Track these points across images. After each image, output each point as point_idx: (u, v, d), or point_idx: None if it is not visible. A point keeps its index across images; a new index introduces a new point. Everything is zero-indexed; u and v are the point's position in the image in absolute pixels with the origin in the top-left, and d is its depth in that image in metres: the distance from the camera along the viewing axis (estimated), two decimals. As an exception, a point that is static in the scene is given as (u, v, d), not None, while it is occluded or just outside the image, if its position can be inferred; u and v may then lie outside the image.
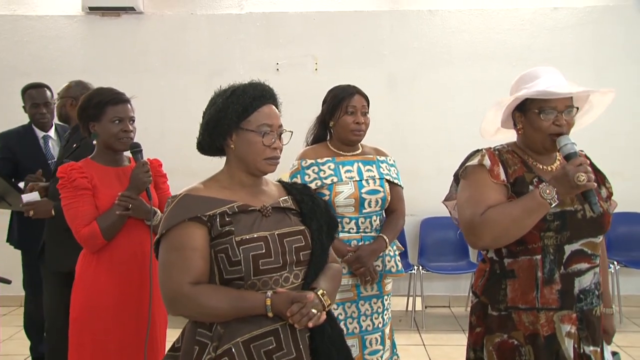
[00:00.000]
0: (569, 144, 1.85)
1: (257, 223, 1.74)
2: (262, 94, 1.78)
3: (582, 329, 1.91)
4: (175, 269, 1.66)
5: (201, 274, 1.67)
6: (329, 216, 1.89)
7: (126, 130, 2.49)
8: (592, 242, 1.92)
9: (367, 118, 2.75)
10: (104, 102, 2.47)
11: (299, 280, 1.77)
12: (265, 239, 1.71)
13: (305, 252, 1.77)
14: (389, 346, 2.79)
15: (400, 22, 5.52)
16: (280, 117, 1.80)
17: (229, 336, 1.66)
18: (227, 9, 5.57)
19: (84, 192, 2.43)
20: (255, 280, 1.68)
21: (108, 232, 2.41)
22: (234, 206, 1.73)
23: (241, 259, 1.66)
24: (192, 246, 1.67)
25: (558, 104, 1.88)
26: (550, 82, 1.90)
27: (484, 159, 1.97)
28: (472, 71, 5.40)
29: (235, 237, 1.68)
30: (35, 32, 5.59)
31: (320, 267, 1.82)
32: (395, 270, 2.75)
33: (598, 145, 5.02)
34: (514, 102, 1.96)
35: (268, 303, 1.64)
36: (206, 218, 1.69)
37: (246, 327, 1.66)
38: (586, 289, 1.92)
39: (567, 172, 1.76)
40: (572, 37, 5.43)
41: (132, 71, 5.54)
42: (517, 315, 1.93)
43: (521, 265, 1.93)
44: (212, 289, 1.67)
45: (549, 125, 1.89)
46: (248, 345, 1.65)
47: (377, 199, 2.71)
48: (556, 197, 1.78)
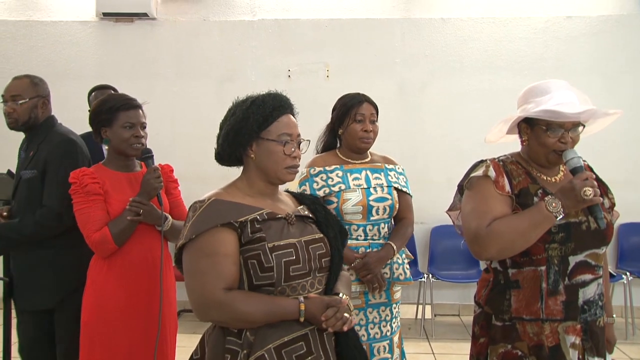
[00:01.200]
0: (575, 158, 1.85)
1: (285, 230, 1.77)
2: (281, 104, 1.81)
3: (587, 339, 1.91)
4: (209, 276, 1.65)
5: (234, 280, 1.68)
6: (339, 225, 1.94)
7: (137, 136, 2.49)
8: (595, 254, 1.92)
9: (376, 126, 2.75)
10: (116, 107, 2.48)
11: (322, 286, 1.81)
12: (294, 245, 1.75)
13: (326, 258, 1.82)
14: (397, 355, 2.78)
15: (412, 30, 5.53)
16: (297, 126, 1.84)
17: (260, 343, 1.66)
18: (240, 16, 5.60)
19: (96, 198, 2.44)
20: (285, 286, 1.71)
21: (119, 237, 2.40)
22: (264, 213, 1.75)
23: (274, 265, 1.68)
24: (224, 252, 1.67)
25: (566, 122, 1.88)
26: (561, 99, 1.88)
27: (489, 170, 1.96)
28: (484, 80, 5.38)
29: (267, 244, 1.70)
30: (49, 37, 5.65)
31: (338, 274, 1.87)
32: (403, 278, 2.75)
33: (609, 154, 5.01)
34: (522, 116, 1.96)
35: (302, 308, 1.67)
36: (237, 224, 1.70)
37: (276, 332, 1.67)
38: (590, 299, 1.91)
39: (574, 186, 1.76)
40: (585, 46, 5.40)
41: (144, 76, 5.58)
42: (522, 326, 1.92)
43: (526, 276, 1.92)
44: (246, 295, 1.68)
45: (554, 142, 1.89)
46: (280, 351, 1.66)
47: (385, 206, 2.70)
48: (562, 211, 1.78)
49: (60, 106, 5.41)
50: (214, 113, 2.57)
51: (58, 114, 2.95)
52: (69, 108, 5.53)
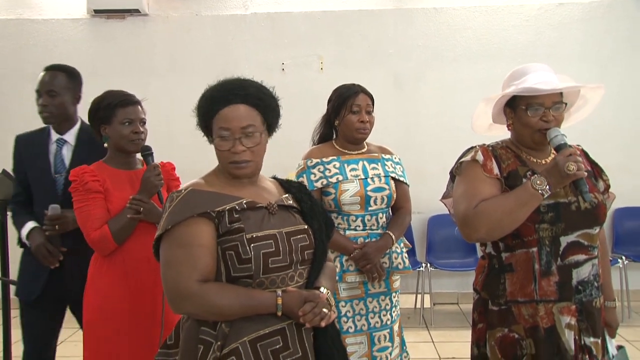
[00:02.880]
0: (558, 135, 1.87)
1: (265, 221, 1.72)
2: (225, 94, 1.73)
3: (582, 320, 1.92)
4: (183, 267, 1.62)
5: (209, 272, 1.65)
6: (325, 216, 1.89)
7: (137, 132, 2.47)
8: (588, 234, 1.93)
9: (372, 117, 2.76)
10: (114, 104, 2.47)
11: (303, 279, 1.76)
12: (274, 236, 1.70)
13: (309, 251, 1.76)
14: (398, 343, 2.80)
15: (405, 21, 5.53)
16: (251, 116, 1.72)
17: (235, 335, 1.63)
18: (232, 10, 5.59)
19: (96, 196, 2.42)
20: (263, 279, 1.67)
21: (119, 235, 2.38)
22: (242, 202, 1.71)
23: (252, 256, 1.64)
24: (199, 243, 1.64)
25: (545, 100, 1.90)
26: (537, 79, 1.92)
27: (477, 154, 1.99)
28: (478, 69, 5.39)
29: (246, 235, 1.66)
30: (40, 35, 5.62)
31: (322, 266, 1.81)
32: (402, 267, 2.76)
33: (604, 139, 5.03)
34: (503, 98, 1.99)
35: (279, 302, 1.63)
36: (214, 214, 1.67)
37: (252, 326, 1.64)
38: (584, 280, 1.93)
39: (557, 162, 1.79)
40: (577, 33, 5.42)
41: (137, 73, 5.57)
42: (517, 309, 1.94)
43: (518, 259, 1.94)
44: (221, 287, 1.64)
45: (536, 121, 1.91)
46: (255, 345, 1.63)
47: (383, 196, 2.72)
48: (548, 188, 1.80)
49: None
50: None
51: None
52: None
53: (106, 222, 2.39)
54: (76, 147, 2.80)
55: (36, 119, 2.80)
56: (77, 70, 2.90)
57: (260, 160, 1.77)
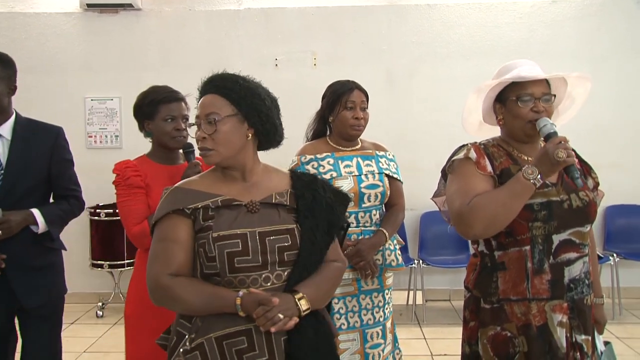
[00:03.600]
0: (547, 125, 1.88)
1: (239, 219, 1.71)
2: (203, 85, 1.81)
3: (574, 318, 1.93)
4: (157, 260, 1.69)
5: (181, 266, 1.68)
6: (331, 214, 1.81)
7: (179, 129, 2.49)
8: (579, 232, 1.94)
9: (366, 113, 2.75)
10: (157, 100, 2.49)
11: (281, 281, 1.71)
12: (243, 236, 1.68)
13: (291, 252, 1.72)
14: (390, 340, 2.81)
15: (398, 17, 5.52)
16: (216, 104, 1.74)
17: (204, 330, 1.66)
18: (226, 5, 5.57)
19: (137, 191, 2.44)
20: (231, 278, 1.67)
21: None
22: (218, 200, 1.72)
23: (216, 255, 1.66)
24: (173, 238, 1.69)
25: (534, 90, 1.92)
26: (525, 70, 1.94)
27: (470, 152, 1.99)
28: (471, 65, 5.39)
29: (212, 233, 1.68)
30: (33, 29, 5.59)
31: (309, 268, 1.74)
32: (395, 264, 2.76)
33: (597, 137, 5.06)
34: (493, 92, 2.00)
35: (238, 302, 1.62)
36: (189, 211, 1.70)
37: (221, 323, 1.65)
38: (576, 278, 1.94)
39: (547, 150, 1.80)
40: (570, 30, 5.44)
41: (130, 68, 5.55)
42: (509, 307, 1.94)
43: (511, 257, 1.94)
44: (188, 282, 1.68)
45: (527, 112, 1.92)
46: (221, 342, 1.65)
47: (377, 193, 2.71)
48: (539, 177, 1.81)
49: (46, 98, 5.41)
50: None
51: (44, 106, 2.93)
52: (56, 100, 5.52)
53: (146, 217, 2.41)
54: (13, 142, 2.56)
55: (28, 112, 2.73)
56: (11, 58, 2.59)
57: (226, 150, 1.73)
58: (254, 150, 1.82)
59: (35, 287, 2.59)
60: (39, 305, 2.61)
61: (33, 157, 2.55)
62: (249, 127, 1.76)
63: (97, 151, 5.55)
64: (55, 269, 2.72)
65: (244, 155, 1.77)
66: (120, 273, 5.30)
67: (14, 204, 2.50)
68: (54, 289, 2.71)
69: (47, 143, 2.62)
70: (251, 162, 1.80)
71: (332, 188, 1.89)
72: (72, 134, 2.60)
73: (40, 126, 2.66)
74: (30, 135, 2.57)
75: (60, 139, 2.67)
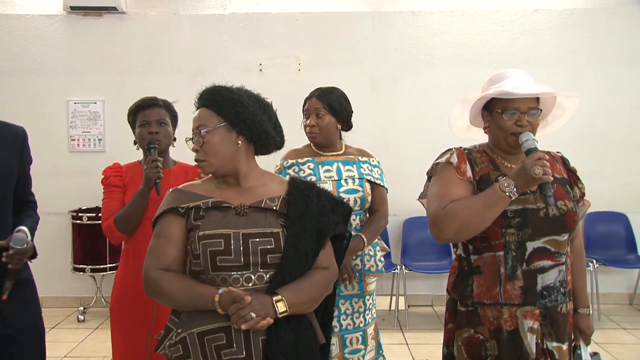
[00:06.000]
0: (529, 140, 1.91)
1: (225, 220, 1.77)
2: (197, 101, 1.89)
3: (545, 324, 1.95)
4: (151, 255, 1.79)
5: (171, 262, 1.78)
6: (322, 221, 1.82)
7: (151, 132, 2.59)
8: (555, 240, 1.96)
9: (323, 119, 2.74)
10: (135, 110, 2.65)
11: (264, 283, 1.74)
12: (227, 236, 1.74)
13: (274, 255, 1.74)
14: (373, 347, 2.81)
15: (382, 23, 5.56)
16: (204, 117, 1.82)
17: (188, 325, 1.73)
18: (210, 10, 5.57)
19: (114, 189, 2.62)
20: (214, 276, 1.73)
21: (120, 224, 2.52)
22: (209, 202, 1.80)
23: (200, 253, 1.73)
24: (165, 234, 1.80)
25: (520, 105, 1.94)
26: (515, 84, 1.95)
27: (452, 156, 2.03)
28: (454, 72, 5.45)
29: (199, 232, 1.75)
30: (15, 31, 5.54)
31: (292, 273, 1.75)
32: (375, 270, 2.77)
33: (577, 145, 5.12)
34: (481, 101, 2.03)
35: (216, 299, 1.67)
36: (183, 210, 1.80)
37: (203, 319, 1.71)
38: (550, 285, 1.96)
39: (525, 165, 1.83)
40: (551, 39, 5.51)
41: (114, 71, 5.53)
42: (483, 311, 1.97)
43: (486, 262, 1.97)
44: (174, 277, 1.75)
45: (510, 125, 1.95)
46: (202, 337, 1.71)
47: (356, 198, 2.72)
48: (515, 191, 1.84)
49: (29, 101, 5.37)
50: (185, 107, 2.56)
51: (27, 109, 2.90)
52: (38, 103, 5.48)
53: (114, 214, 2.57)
54: None
55: (10, 114, 2.71)
56: None
57: (216, 159, 1.81)
58: (247, 157, 1.87)
59: (18, 306, 2.29)
60: (26, 327, 2.32)
61: (7, 162, 2.30)
62: (238, 134, 1.82)
63: (80, 154, 5.49)
64: (31, 284, 2.43)
65: (236, 162, 1.84)
66: (103, 277, 5.26)
67: None
68: (36, 305, 2.42)
69: (16, 145, 2.36)
70: (245, 168, 1.86)
71: (330, 197, 1.92)
72: (55, 137, 2.60)
73: (6, 127, 2.37)
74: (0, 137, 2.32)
75: (27, 140, 2.42)
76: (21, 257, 2.19)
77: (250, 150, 1.87)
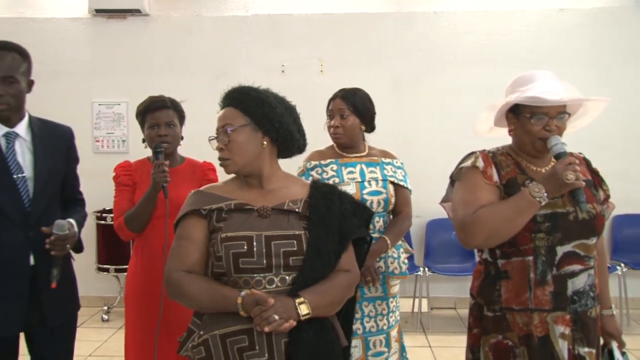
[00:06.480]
0: (558, 144, 1.87)
1: (248, 222, 1.77)
2: (222, 100, 1.90)
3: (577, 330, 1.91)
4: (173, 256, 1.79)
5: (193, 264, 1.77)
6: (344, 224, 1.82)
7: (160, 135, 2.63)
8: (584, 244, 1.92)
9: (347, 120, 2.72)
10: (144, 110, 2.68)
11: (286, 285, 1.74)
12: (249, 238, 1.73)
13: (297, 257, 1.74)
14: (396, 349, 2.78)
15: (405, 24, 5.53)
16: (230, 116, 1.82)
17: (210, 327, 1.72)
18: (233, 11, 5.59)
19: (123, 188, 2.70)
20: (236, 278, 1.73)
21: (130, 223, 2.61)
22: (231, 204, 1.80)
23: (222, 255, 1.72)
24: (187, 236, 1.79)
25: (550, 110, 1.89)
26: (544, 88, 1.90)
27: (477, 160, 1.99)
28: (478, 73, 5.39)
29: (221, 234, 1.75)
30: (42, 34, 5.61)
31: (315, 275, 1.75)
32: (398, 272, 2.75)
33: (603, 147, 5.02)
34: (507, 104, 1.98)
35: (239, 302, 1.66)
36: (205, 212, 1.80)
37: (225, 321, 1.70)
38: (580, 290, 1.92)
39: (556, 170, 1.79)
40: (578, 38, 5.42)
41: (137, 73, 5.58)
42: (511, 316, 1.93)
43: (514, 266, 1.93)
44: (196, 279, 1.75)
45: (539, 129, 1.90)
46: (224, 340, 1.70)
47: (379, 200, 2.70)
48: (545, 196, 1.80)
49: (55, 103, 5.44)
50: (207, 109, 2.57)
51: (53, 111, 2.92)
52: (64, 104, 5.54)
53: (125, 213, 2.64)
54: (37, 142, 2.34)
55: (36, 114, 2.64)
56: (26, 50, 2.33)
57: (241, 158, 1.81)
58: (271, 158, 1.87)
59: (59, 302, 2.35)
60: (63, 323, 2.41)
61: (54, 160, 2.38)
62: (264, 135, 1.82)
63: (104, 155, 5.56)
64: (72, 281, 2.51)
65: (260, 163, 1.84)
66: (126, 277, 5.29)
67: (43, 213, 2.29)
68: (75, 303, 2.52)
69: (63, 144, 2.47)
70: (268, 169, 1.86)
71: (351, 200, 1.92)
72: (80, 138, 2.61)
73: (54, 126, 2.48)
74: (47, 135, 2.39)
75: (73, 139, 2.55)
76: (62, 243, 2.23)
77: (274, 151, 1.87)
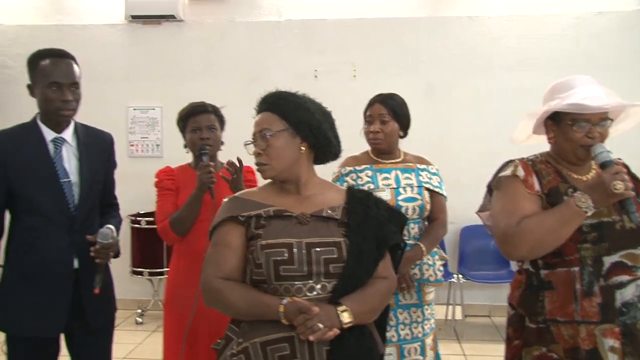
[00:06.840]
0: (604, 152, 1.82)
1: (288, 229, 1.76)
2: (258, 104, 1.89)
3: (627, 343, 1.85)
4: (210, 263, 1.78)
5: (231, 271, 1.76)
6: (381, 231, 1.81)
7: (202, 138, 2.67)
8: (632, 254, 1.87)
9: (388, 125, 2.71)
10: (186, 115, 2.73)
11: (326, 292, 1.72)
12: (290, 245, 1.72)
13: (337, 264, 1.73)
14: (431, 357, 2.75)
15: (439, 29, 5.48)
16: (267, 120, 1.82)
17: (250, 335, 1.70)
18: (266, 17, 5.62)
19: (167, 192, 2.73)
20: (276, 285, 1.71)
21: (175, 227, 2.62)
22: (270, 210, 1.78)
23: (262, 262, 1.70)
24: (225, 243, 1.78)
25: (592, 116, 1.84)
26: (585, 94, 1.85)
27: (517, 169, 1.95)
28: (513, 78, 5.31)
29: (261, 241, 1.73)
30: (79, 40, 5.71)
31: (355, 282, 1.74)
32: (433, 279, 2.72)
33: None
34: (547, 111, 1.93)
35: (281, 310, 1.65)
36: (243, 218, 1.78)
37: (266, 329, 1.69)
38: (629, 302, 1.86)
39: (604, 180, 1.73)
40: (617, 42, 5.29)
41: (172, 77, 5.64)
42: (556, 328, 1.88)
43: (559, 277, 1.88)
44: (236, 286, 1.74)
45: (581, 137, 1.86)
46: (264, 347, 1.68)
47: (415, 206, 2.68)
48: (592, 206, 1.75)
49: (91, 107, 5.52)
50: (240, 113, 2.58)
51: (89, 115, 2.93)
52: (100, 109, 5.63)
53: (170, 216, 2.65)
54: (81, 147, 2.39)
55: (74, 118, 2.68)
56: None
57: (279, 163, 1.80)
58: (308, 164, 1.87)
59: (100, 305, 2.45)
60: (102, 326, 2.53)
61: (97, 166, 2.45)
62: (302, 140, 1.81)
63: (139, 160, 5.64)
64: (111, 285, 2.58)
65: (298, 169, 1.83)
66: (160, 281, 5.36)
67: (85, 218, 2.36)
68: (113, 306, 2.62)
69: (105, 150, 2.54)
70: (306, 175, 1.85)
71: (387, 206, 1.91)
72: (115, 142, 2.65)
73: (97, 132, 2.54)
74: (91, 141, 2.45)
75: (114, 145, 2.63)
76: (107, 251, 2.30)
77: (311, 157, 1.87)
